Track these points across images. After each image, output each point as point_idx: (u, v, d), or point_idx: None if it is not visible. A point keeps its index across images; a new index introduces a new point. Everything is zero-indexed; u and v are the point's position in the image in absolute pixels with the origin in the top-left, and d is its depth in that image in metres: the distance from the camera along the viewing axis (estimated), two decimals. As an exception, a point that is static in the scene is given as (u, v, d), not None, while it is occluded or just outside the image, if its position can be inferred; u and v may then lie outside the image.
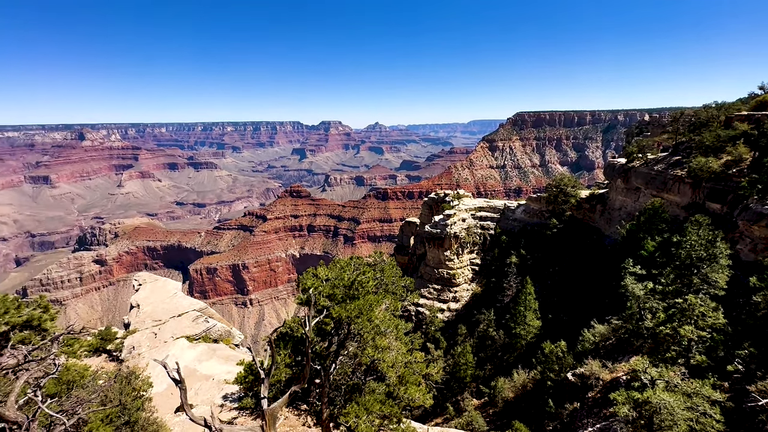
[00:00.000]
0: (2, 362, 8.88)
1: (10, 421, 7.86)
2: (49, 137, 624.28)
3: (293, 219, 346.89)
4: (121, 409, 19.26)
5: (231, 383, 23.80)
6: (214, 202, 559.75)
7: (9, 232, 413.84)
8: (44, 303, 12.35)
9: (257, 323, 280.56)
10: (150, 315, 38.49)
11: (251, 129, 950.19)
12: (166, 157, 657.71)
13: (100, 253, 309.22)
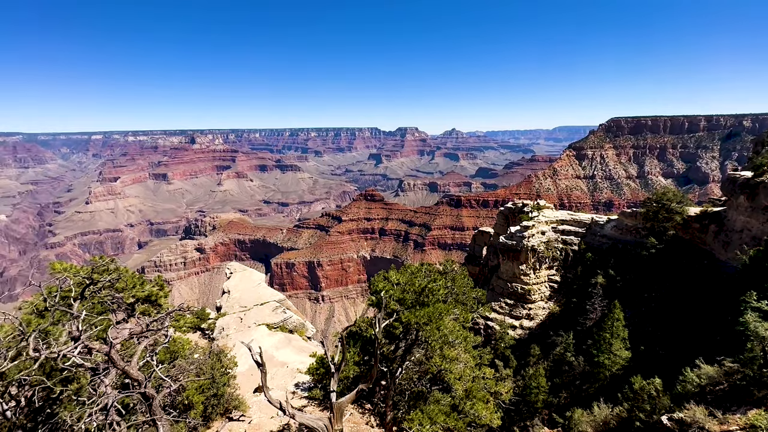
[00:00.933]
0: (131, 329, 10.71)
1: (133, 378, 9.46)
2: (169, 141, 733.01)
3: (366, 222, 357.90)
4: (211, 382, 21.71)
5: (303, 373, 25.36)
6: (296, 202, 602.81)
7: (135, 220, 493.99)
8: (160, 282, 14.55)
9: (327, 319, 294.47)
10: (238, 301, 42.84)
11: (332, 135, 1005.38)
12: (258, 160, 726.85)
13: (201, 243, 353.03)
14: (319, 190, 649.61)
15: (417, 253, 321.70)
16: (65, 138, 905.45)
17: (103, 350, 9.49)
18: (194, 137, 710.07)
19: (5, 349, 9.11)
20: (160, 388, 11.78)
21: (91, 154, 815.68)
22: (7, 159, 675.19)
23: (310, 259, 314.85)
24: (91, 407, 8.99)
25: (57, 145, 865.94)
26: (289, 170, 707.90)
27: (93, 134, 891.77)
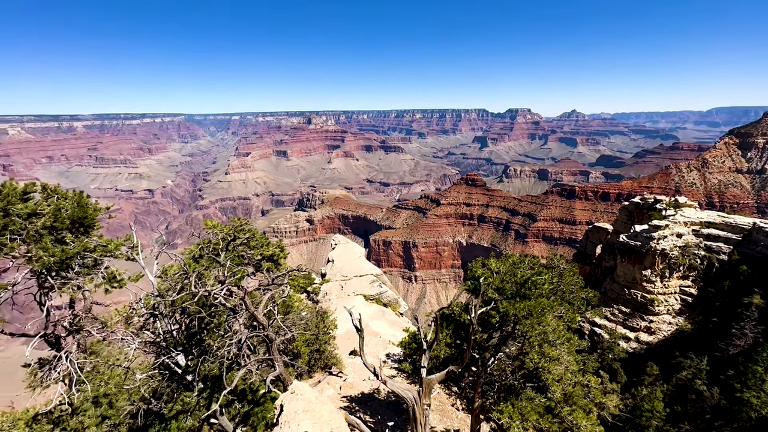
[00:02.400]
0: (260, 281, 12.63)
1: (259, 322, 11.25)
2: (290, 121, 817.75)
3: (465, 207, 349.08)
4: (315, 338, 24.33)
5: (395, 345, 26.67)
6: (397, 183, 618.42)
7: (260, 190, 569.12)
8: (281, 245, 16.68)
9: (418, 299, 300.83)
10: (340, 270, 46.63)
11: (437, 116, 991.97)
12: (364, 140, 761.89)
13: (311, 215, 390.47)
14: (420, 172, 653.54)
15: (517, 244, 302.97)
16: (213, 118, 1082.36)
17: (239, 295, 11.45)
18: (310, 118, 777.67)
19: (174, 283, 11.74)
20: (277, 334, 13.72)
21: (230, 132, 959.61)
22: (173, 135, 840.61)
23: (406, 239, 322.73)
24: (231, 339, 11.02)
25: (207, 124, 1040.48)
26: (392, 151, 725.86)
27: (232, 115, 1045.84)
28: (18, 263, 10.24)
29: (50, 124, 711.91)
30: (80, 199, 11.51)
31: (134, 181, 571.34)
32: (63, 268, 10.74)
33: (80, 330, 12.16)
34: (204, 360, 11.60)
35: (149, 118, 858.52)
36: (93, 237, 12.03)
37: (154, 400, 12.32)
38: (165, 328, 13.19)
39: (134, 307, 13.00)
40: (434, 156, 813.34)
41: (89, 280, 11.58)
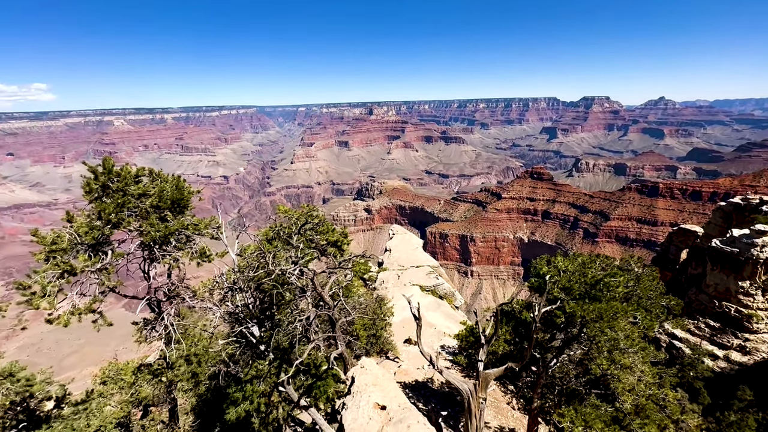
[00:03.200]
0: (327, 264, 13.45)
1: (325, 302, 12.03)
2: (352, 112, 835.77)
3: (528, 201, 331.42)
4: (372, 323, 25.15)
5: (451, 337, 26.67)
6: (456, 175, 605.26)
7: (322, 179, 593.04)
8: (345, 232, 17.45)
9: (474, 294, 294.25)
10: (396, 260, 47.31)
11: (502, 106, 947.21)
12: (424, 131, 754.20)
13: (369, 204, 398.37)
14: (481, 164, 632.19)
15: (586, 244, 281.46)
16: (281, 110, 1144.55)
17: (308, 275, 12.31)
18: (372, 109, 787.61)
19: (252, 261, 12.98)
20: (340, 315, 14.53)
21: (297, 123, 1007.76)
22: (246, 126, 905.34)
23: (463, 232, 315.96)
24: (300, 315, 11.95)
25: (276, 116, 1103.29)
26: (453, 142, 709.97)
27: (299, 107, 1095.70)
28: (132, 236, 12.12)
29: (146, 116, 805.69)
30: (178, 183, 13.15)
31: (212, 168, 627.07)
32: (164, 242, 12.46)
33: (176, 297, 14.01)
34: (276, 332, 12.72)
35: (227, 110, 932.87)
36: (187, 216, 13.70)
37: (232, 364, 13.84)
38: (242, 301, 14.64)
39: (218, 280, 14.59)
40: (497, 147, 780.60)
41: (186, 254, 13.26)
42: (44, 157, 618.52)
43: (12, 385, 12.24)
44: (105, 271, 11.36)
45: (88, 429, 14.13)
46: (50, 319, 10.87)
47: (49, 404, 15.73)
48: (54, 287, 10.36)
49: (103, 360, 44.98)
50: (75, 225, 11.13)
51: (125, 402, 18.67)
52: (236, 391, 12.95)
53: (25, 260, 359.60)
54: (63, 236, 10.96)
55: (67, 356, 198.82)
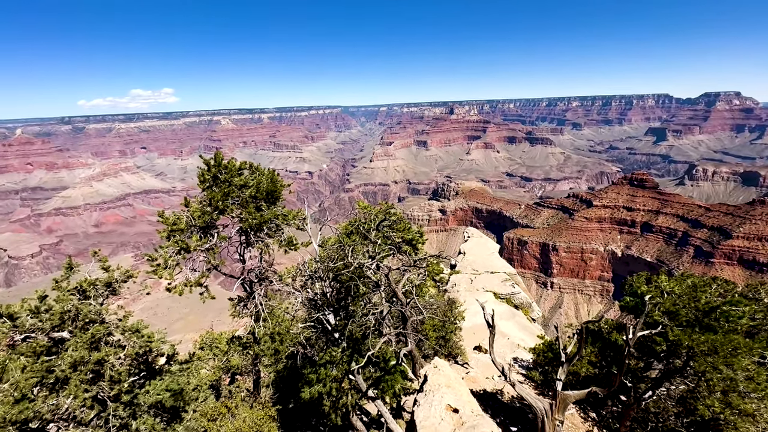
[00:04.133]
0: (403, 262, 13.67)
1: (398, 298, 12.26)
2: (432, 112, 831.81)
3: (625, 211, 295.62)
4: (442, 325, 24.84)
5: (525, 350, 25.14)
6: (540, 178, 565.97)
7: (398, 178, 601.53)
8: (421, 231, 17.50)
9: (553, 308, 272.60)
10: (470, 263, 45.97)
11: (599, 104, 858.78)
12: (508, 131, 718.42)
13: (444, 205, 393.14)
14: (570, 168, 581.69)
15: (697, 264, 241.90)
16: (364, 110, 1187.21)
17: (383, 271, 12.64)
18: (453, 108, 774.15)
19: (332, 253, 13.77)
20: (412, 313, 14.64)
21: (378, 122, 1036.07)
22: (331, 125, 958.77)
23: (545, 240, 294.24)
24: (374, 309, 12.35)
25: (358, 115, 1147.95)
26: (539, 143, 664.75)
27: (380, 106, 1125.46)
28: (233, 222, 13.77)
29: (246, 116, 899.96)
30: (272, 176, 14.53)
31: (299, 164, 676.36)
32: (259, 229, 13.90)
33: (265, 279, 15.51)
34: (351, 322, 13.33)
35: (314, 111, 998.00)
36: (278, 207, 15.05)
37: (308, 347, 14.87)
38: (321, 289, 15.60)
39: (300, 268, 15.76)
40: (590, 150, 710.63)
41: (275, 241, 14.61)
42: (167, 151, 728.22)
43: (138, 339, 14.73)
44: (211, 251, 13.09)
45: (188, 386, 16.37)
46: (169, 287, 12.86)
47: (161, 360, 18.60)
48: (173, 261, 12.27)
49: (201, 328, 51.59)
50: (190, 210, 13.02)
51: (217, 367, 21.23)
52: (311, 373, 13.88)
53: (150, 236, 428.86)
54: (181, 218, 12.91)
55: (175, 321, 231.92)
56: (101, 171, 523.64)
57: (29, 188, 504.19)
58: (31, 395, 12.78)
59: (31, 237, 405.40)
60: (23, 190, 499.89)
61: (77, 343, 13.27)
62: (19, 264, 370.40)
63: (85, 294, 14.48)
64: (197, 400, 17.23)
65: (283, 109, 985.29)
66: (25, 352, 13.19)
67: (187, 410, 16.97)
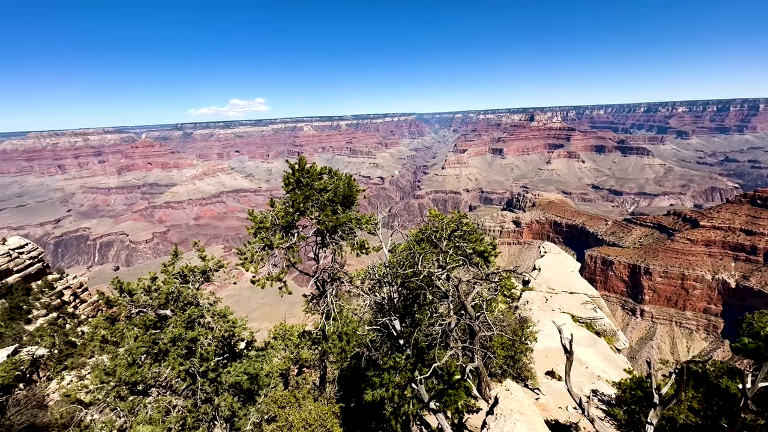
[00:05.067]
0: (475, 274, 13.24)
1: (467, 311, 11.89)
2: (510, 119, 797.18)
3: (743, 235, 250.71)
4: (511, 344, 23.45)
5: (607, 383, 22.54)
6: (633, 192, 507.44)
7: (471, 186, 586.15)
8: (494, 243, 16.77)
9: (642, 339, 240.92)
10: (546, 281, 42.80)
11: (713, 109, 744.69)
12: (596, 140, 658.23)
13: (518, 216, 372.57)
14: (672, 182, 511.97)
15: None
16: (438, 117, 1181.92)
17: (453, 282, 12.37)
18: (533, 115, 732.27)
19: (402, 259, 13.88)
20: (480, 328, 14.07)
21: (452, 129, 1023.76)
22: (405, 132, 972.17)
23: (636, 262, 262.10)
24: (442, 320, 12.14)
25: (432, 122, 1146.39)
26: (633, 153, 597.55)
27: (456, 113, 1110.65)
28: (311, 224, 14.69)
29: (326, 123, 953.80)
30: (349, 181, 15.18)
31: (372, 170, 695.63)
32: (334, 231, 14.62)
33: (337, 280, 16.20)
34: (417, 331, 13.27)
35: (389, 118, 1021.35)
36: (353, 211, 15.65)
37: (373, 350, 15.13)
38: (388, 294, 15.78)
39: (370, 271, 16.14)
40: (699, 162, 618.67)
41: (348, 244, 15.20)
42: (256, 154, 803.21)
43: (224, 324, 16.38)
44: (291, 249, 14.10)
45: (262, 371, 17.71)
46: (254, 280, 14.13)
47: (241, 344, 20.42)
48: (259, 256, 13.48)
49: (275, 319, 55.17)
50: (275, 210, 14.21)
51: (287, 358, 22.64)
52: (374, 376, 14.09)
53: (237, 231, 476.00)
54: (267, 217, 14.15)
55: (254, 310, 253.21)
56: (202, 171, 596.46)
57: (148, 184, 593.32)
58: (139, 361, 14.93)
59: (147, 225, 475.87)
60: (143, 186, 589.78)
61: (177, 321, 15.18)
62: (137, 247, 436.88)
63: (185, 279, 16.52)
64: (269, 386, 18.56)
65: (360, 117, 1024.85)
66: (138, 324, 15.45)
67: (260, 394, 18.37)
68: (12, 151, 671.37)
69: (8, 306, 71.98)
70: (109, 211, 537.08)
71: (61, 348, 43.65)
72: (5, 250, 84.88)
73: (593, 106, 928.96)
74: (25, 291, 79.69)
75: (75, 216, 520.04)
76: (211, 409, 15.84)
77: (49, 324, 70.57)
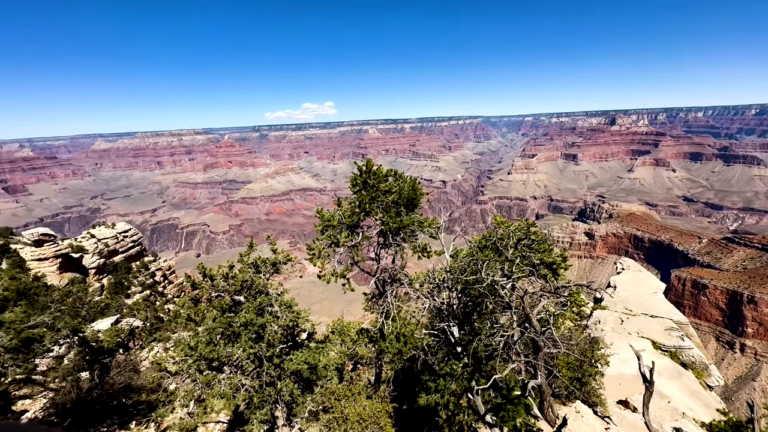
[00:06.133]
0: (543, 286, 12.54)
1: (532, 324, 11.26)
2: (588, 122, 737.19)
3: None
4: (579, 366, 21.73)
5: (694, 423, 19.73)
6: (736, 207, 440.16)
7: (539, 194, 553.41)
8: (564, 255, 15.67)
9: (740, 379, 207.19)
10: (623, 300, 38.91)
11: None
12: (691, 146, 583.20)
13: (591, 228, 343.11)
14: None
15: None
16: (506, 120, 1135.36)
17: (518, 293, 11.83)
18: (615, 118, 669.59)
19: (464, 265, 13.62)
20: (545, 344, 13.25)
21: (521, 133, 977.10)
22: (470, 135, 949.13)
23: (736, 287, 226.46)
24: (505, 331, 11.68)
25: (500, 126, 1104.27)
26: (739, 162, 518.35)
27: (525, 116, 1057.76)
28: (375, 224, 15.08)
29: (391, 126, 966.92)
30: (414, 184, 15.29)
31: (434, 173, 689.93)
32: (396, 233, 14.83)
33: (397, 281, 16.39)
34: (477, 340, 12.91)
35: (454, 121, 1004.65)
36: (416, 214, 15.73)
37: (430, 354, 15.02)
38: (447, 300, 15.56)
39: (429, 275, 16.06)
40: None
41: (411, 246, 15.32)
42: (323, 156, 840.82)
43: (289, 314, 17.45)
44: (356, 248, 14.59)
45: (320, 362, 18.51)
46: (320, 275, 14.89)
47: (303, 335, 21.53)
48: (326, 253, 14.18)
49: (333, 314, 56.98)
50: (342, 209, 14.82)
51: (343, 353, 23.34)
52: (430, 381, 13.97)
53: (302, 227, 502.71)
54: (335, 216, 14.82)
55: (314, 304, 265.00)
56: (274, 170, 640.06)
57: (227, 180, 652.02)
58: (215, 341, 16.48)
59: (225, 218, 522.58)
60: (224, 182, 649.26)
61: (249, 307, 16.49)
62: (215, 237, 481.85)
63: (258, 269, 17.88)
64: (326, 378, 19.34)
65: (425, 119, 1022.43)
66: (216, 307, 17.08)
67: (317, 384, 19.21)
68: (123, 149, 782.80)
69: (114, 281, 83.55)
70: (195, 204, 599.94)
71: (152, 322, 49.63)
72: (114, 233, 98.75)
73: (689, 108, 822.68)
74: (127, 270, 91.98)
75: (168, 207, 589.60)
76: (274, 392, 16.94)
77: (144, 300, 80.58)
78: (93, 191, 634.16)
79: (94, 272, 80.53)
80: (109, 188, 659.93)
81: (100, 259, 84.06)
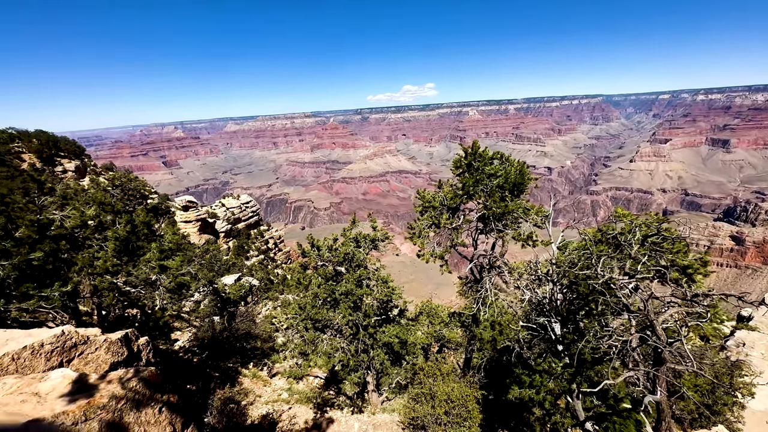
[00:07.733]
0: (674, 293, 10.82)
1: (656, 333, 9.82)
2: (749, 99, 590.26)
3: None
4: (711, 389, 18.42)
5: None
6: None
7: (669, 186, 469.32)
8: (704, 259, 13.13)
9: None
10: (782, 324, 31.35)
11: None
12: None
13: (741, 231, 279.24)
14: None
15: None
16: (634, 98, 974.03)
17: (642, 295, 10.40)
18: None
19: (575, 258, 12.46)
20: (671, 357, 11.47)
21: (652, 114, 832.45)
22: (585, 117, 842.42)
23: None
24: (618, 335, 10.47)
25: (625, 105, 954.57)
26: None
27: (660, 94, 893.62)
28: (477, 208, 14.72)
29: (493, 107, 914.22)
30: (521, 169, 14.35)
31: (538, 158, 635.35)
32: (499, 219, 14.23)
33: (496, 268, 15.83)
34: (583, 340, 11.83)
35: (567, 101, 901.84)
36: (522, 200, 14.82)
37: (525, 348, 14.31)
38: (550, 294, 14.49)
39: (531, 266, 15.09)
40: None
41: (515, 234, 14.60)
42: (420, 138, 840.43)
43: (384, 288, 18.32)
44: (456, 230, 14.48)
45: (409, 339, 19.13)
46: (419, 254, 15.23)
47: (395, 311, 22.44)
48: (426, 233, 14.41)
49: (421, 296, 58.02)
50: (443, 191, 14.75)
51: (430, 334, 23.67)
52: (524, 375, 13.37)
53: (396, 209, 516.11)
54: (436, 198, 14.85)
55: (402, 284, 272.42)
56: (373, 152, 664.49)
57: (331, 161, 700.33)
58: (319, 305, 18.25)
59: (327, 196, 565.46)
60: (327, 162, 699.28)
61: (349, 278, 17.77)
62: (318, 213, 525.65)
63: (358, 244, 19.06)
64: (414, 354, 19.97)
65: (532, 100, 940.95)
66: (321, 275, 18.82)
67: (405, 359, 19.99)
68: (248, 131, 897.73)
69: (237, 245, 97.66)
70: (302, 181, 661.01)
71: (266, 282, 56.89)
72: (239, 203, 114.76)
73: None
74: (247, 236, 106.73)
75: (280, 183, 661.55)
76: (367, 359, 18.20)
77: (259, 263, 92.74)
78: (224, 167, 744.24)
79: (224, 236, 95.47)
80: (236, 165, 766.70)
81: (228, 225, 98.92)
